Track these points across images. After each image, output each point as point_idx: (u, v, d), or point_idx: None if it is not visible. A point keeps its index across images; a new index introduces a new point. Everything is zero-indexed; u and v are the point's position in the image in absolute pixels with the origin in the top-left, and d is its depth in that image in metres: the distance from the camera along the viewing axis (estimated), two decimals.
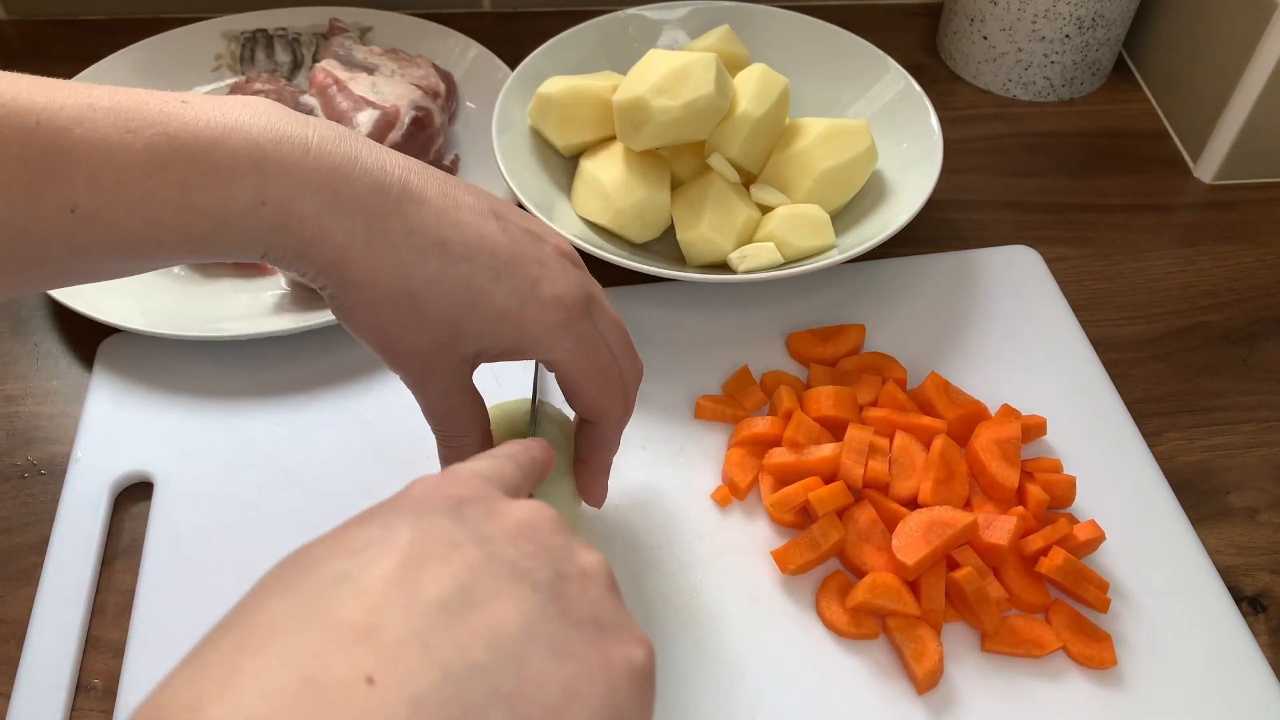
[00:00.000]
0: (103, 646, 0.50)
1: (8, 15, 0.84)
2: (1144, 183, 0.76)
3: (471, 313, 0.39)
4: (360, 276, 0.38)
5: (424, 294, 0.38)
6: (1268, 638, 0.53)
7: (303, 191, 0.36)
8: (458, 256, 0.39)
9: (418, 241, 0.38)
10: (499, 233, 0.40)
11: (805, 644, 0.50)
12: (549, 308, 0.40)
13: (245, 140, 0.36)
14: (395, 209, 0.38)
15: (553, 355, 0.41)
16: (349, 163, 0.37)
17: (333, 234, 0.37)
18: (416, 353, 0.40)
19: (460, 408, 0.43)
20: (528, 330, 0.40)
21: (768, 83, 0.63)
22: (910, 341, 0.63)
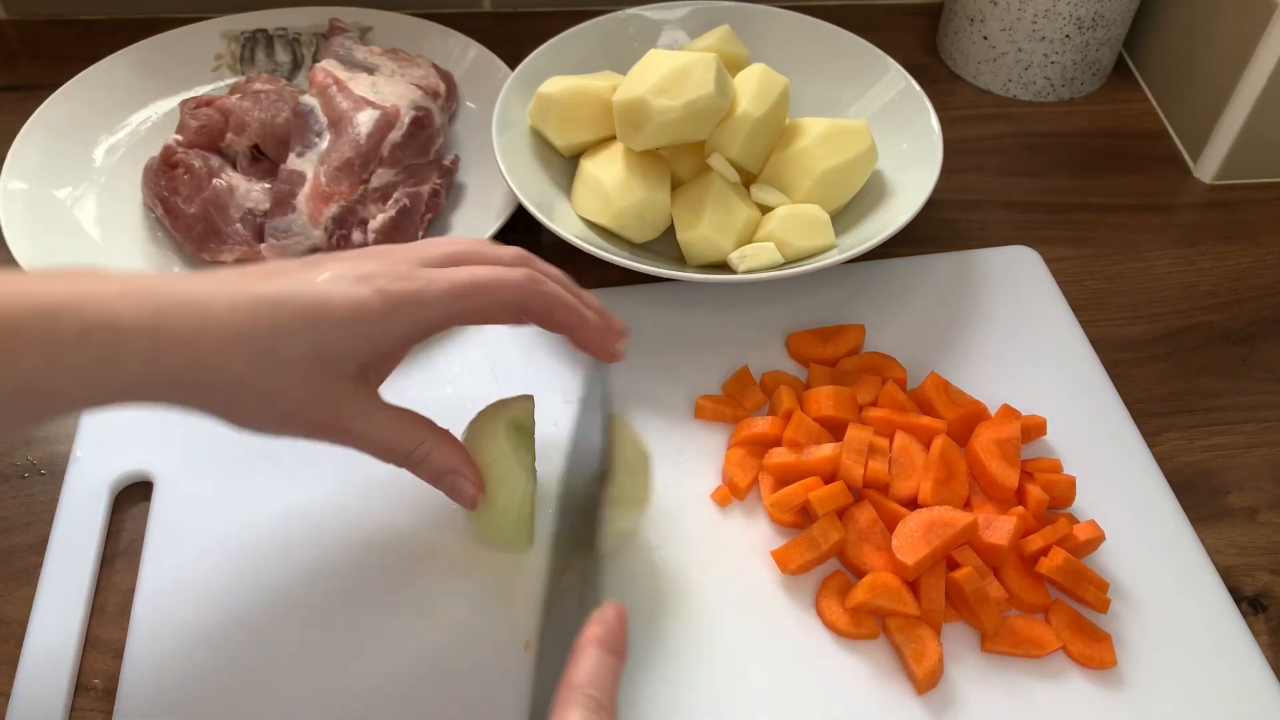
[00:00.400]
0: (102, 646, 0.50)
1: (8, 15, 0.84)
2: (1144, 183, 0.76)
3: (324, 332, 0.41)
4: (213, 360, 0.39)
5: (272, 343, 0.40)
6: (1268, 638, 0.53)
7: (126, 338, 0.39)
8: (281, 299, 0.41)
9: (240, 309, 0.40)
10: (312, 274, 0.42)
11: (805, 644, 0.50)
12: (387, 290, 0.42)
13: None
14: (212, 301, 0.40)
15: (420, 317, 0.43)
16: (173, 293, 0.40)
17: (168, 350, 0.39)
18: (306, 400, 0.42)
19: (392, 423, 0.44)
20: (381, 316, 0.42)
21: (768, 83, 0.63)
22: (910, 341, 0.63)
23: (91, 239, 0.66)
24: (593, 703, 0.39)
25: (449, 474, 0.46)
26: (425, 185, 0.66)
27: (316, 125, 0.65)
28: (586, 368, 0.56)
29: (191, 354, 0.39)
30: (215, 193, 0.64)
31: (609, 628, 0.42)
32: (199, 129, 0.67)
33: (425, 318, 0.43)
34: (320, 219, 0.61)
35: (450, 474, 0.46)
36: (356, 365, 0.43)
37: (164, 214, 0.66)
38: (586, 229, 0.63)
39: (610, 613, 0.42)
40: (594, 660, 0.40)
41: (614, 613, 0.43)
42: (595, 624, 0.42)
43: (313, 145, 0.64)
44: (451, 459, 0.46)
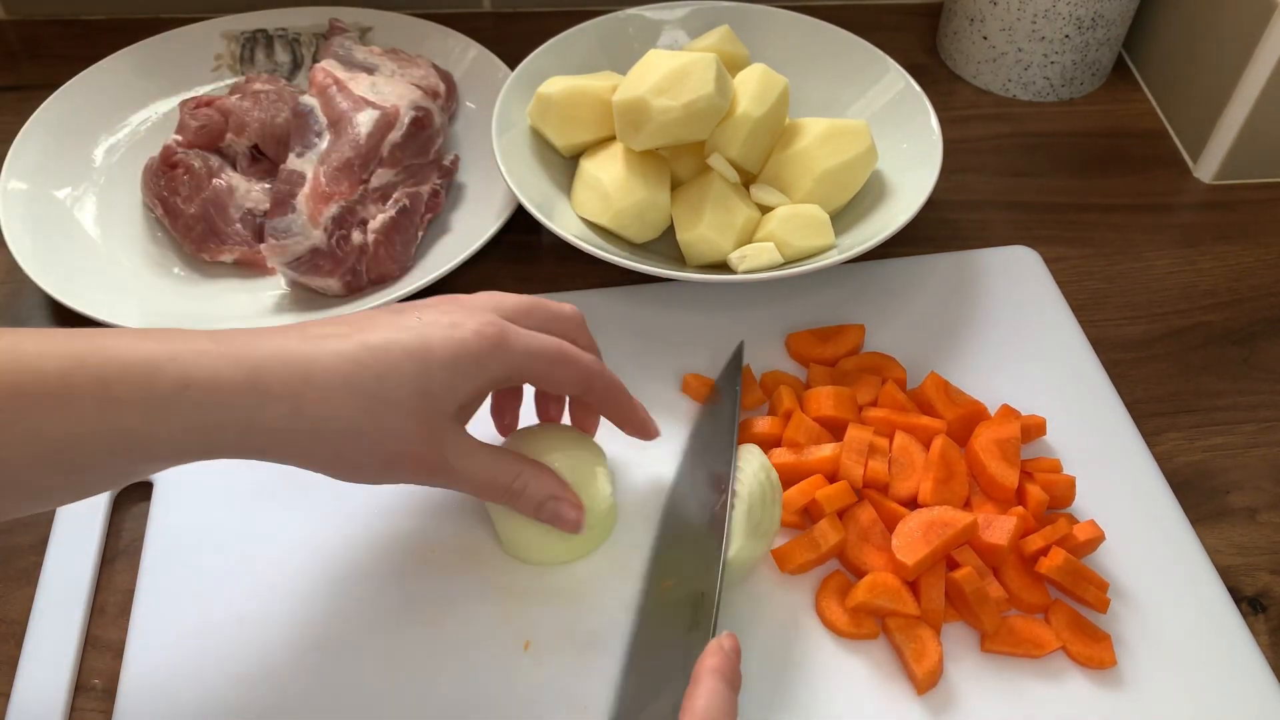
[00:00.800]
0: (103, 646, 0.50)
1: (8, 15, 0.84)
2: (1144, 183, 0.76)
3: (427, 371, 0.42)
4: (321, 413, 0.41)
5: (380, 387, 0.42)
6: (1268, 638, 0.53)
7: (225, 400, 0.40)
8: (384, 346, 0.42)
9: (344, 358, 0.42)
10: (407, 321, 0.44)
11: (805, 644, 0.50)
12: (481, 333, 0.44)
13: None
14: (311, 359, 0.41)
15: (510, 361, 0.45)
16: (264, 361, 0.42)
17: (275, 408, 0.41)
18: (413, 438, 0.43)
19: (491, 459, 0.46)
20: (480, 358, 0.43)
21: (768, 83, 0.63)
22: (910, 341, 0.63)
23: (91, 239, 0.66)
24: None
25: (549, 501, 0.48)
26: (425, 185, 0.66)
27: (316, 125, 0.65)
28: (719, 384, 0.58)
29: (298, 404, 0.40)
30: (215, 193, 0.65)
31: (727, 658, 0.42)
32: (199, 129, 0.67)
33: (515, 364, 0.45)
34: (320, 219, 0.61)
35: (550, 501, 0.48)
36: (457, 405, 0.44)
37: (164, 214, 0.66)
38: (586, 229, 0.63)
39: (729, 643, 0.43)
40: (712, 690, 0.41)
41: (731, 644, 0.43)
42: (714, 653, 0.43)
43: (312, 145, 0.64)
44: (549, 487, 0.48)
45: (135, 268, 0.65)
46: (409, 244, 0.65)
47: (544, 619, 0.50)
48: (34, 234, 0.64)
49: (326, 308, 0.62)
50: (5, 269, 0.66)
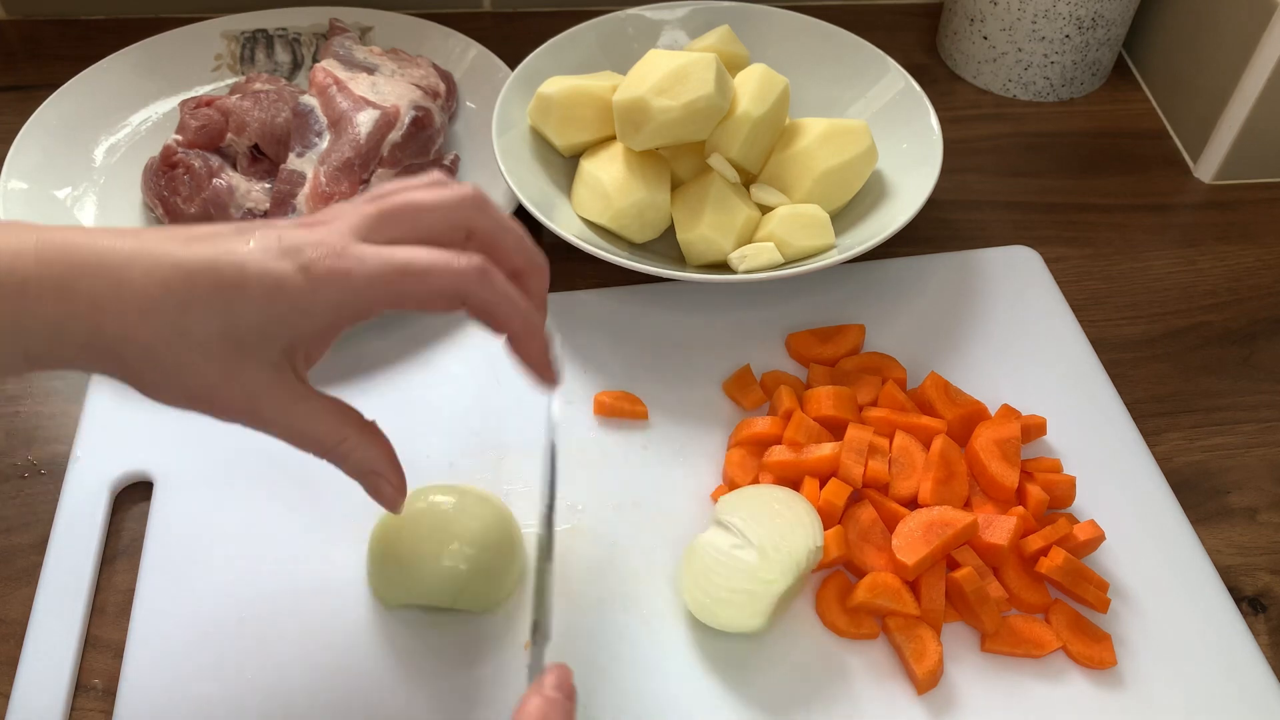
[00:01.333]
0: (102, 646, 0.50)
1: (8, 15, 0.84)
2: (1144, 183, 0.76)
3: (239, 313, 0.37)
4: (120, 332, 0.37)
5: (183, 321, 0.37)
6: (1268, 638, 0.53)
7: (39, 292, 0.36)
8: (196, 270, 0.37)
9: (155, 276, 0.37)
10: (238, 241, 0.38)
11: (805, 644, 0.50)
12: (311, 266, 0.37)
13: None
14: (128, 263, 0.37)
15: (346, 300, 0.38)
16: (76, 246, 0.37)
17: (77, 308, 0.36)
18: (222, 385, 0.38)
19: (314, 414, 0.41)
20: (302, 296, 0.37)
21: (768, 83, 0.63)
22: (910, 341, 0.63)
23: None
24: None
25: (370, 474, 0.42)
26: None
27: (316, 125, 0.65)
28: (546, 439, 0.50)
29: (99, 320, 0.36)
30: (215, 193, 0.64)
31: (546, 701, 0.39)
32: (199, 129, 0.67)
33: (352, 301, 0.38)
34: None
35: (372, 474, 0.42)
36: (279, 349, 0.38)
37: (164, 214, 0.66)
38: (586, 229, 0.63)
39: (549, 680, 0.39)
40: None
41: (554, 681, 0.39)
42: (533, 695, 0.39)
43: (313, 145, 0.64)
44: (375, 459, 0.42)
45: None
46: None
47: None
48: None
49: None
50: None
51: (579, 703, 0.48)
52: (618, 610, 0.51)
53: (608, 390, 0.59)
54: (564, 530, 0.54)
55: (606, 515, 0.54)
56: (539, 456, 0.56)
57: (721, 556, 0.48)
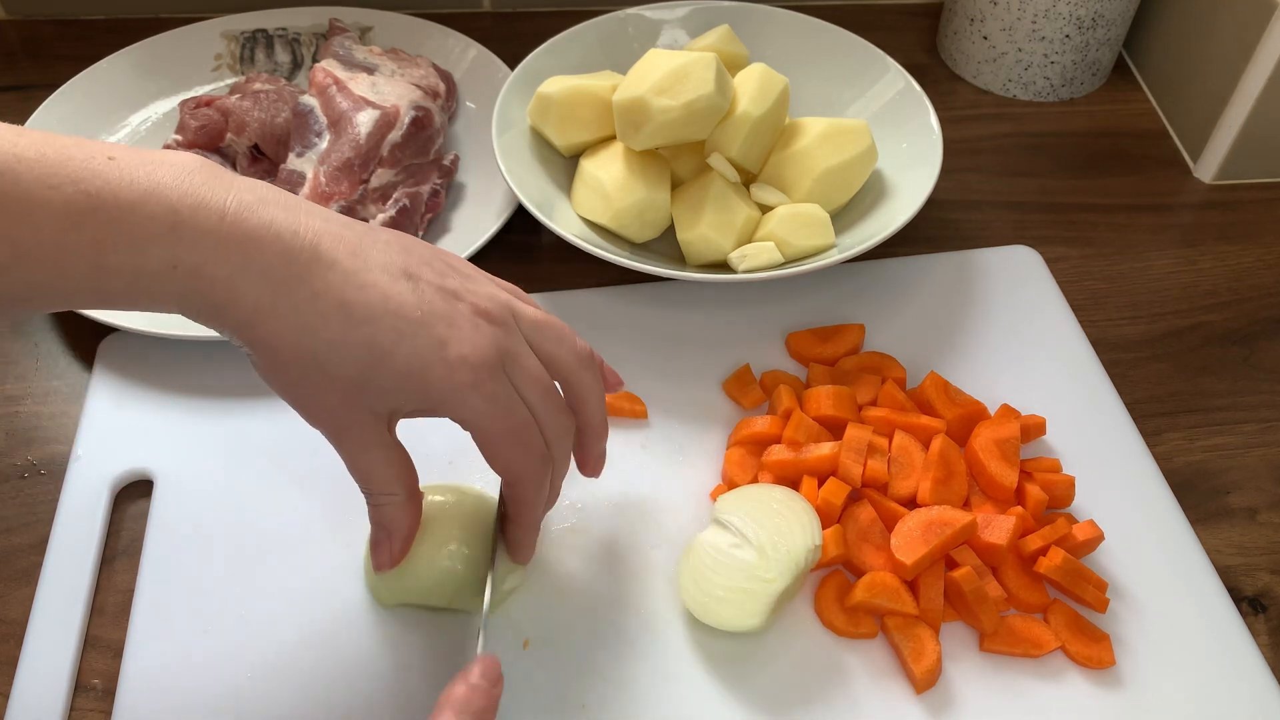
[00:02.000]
0: (102, 646, 0.50)
1: (8, 15, 0.85)
2: (1144, 183, 0.76)
3: (375, 373, 0.39)
4: (268, 338, 0.38)
5: (327, 355, 0.39)
6: (1267, 638, 0.53)
7: (214, 258, 0.37)
8: (360, 319, 0.39)
9: (321, 305, 0.39)
10: (408, 292, 0.40)
11: (803, 643, 0.50)
12: (455, 368, 0.40)
13: (163, 205, 0.36)
14: (303, 274, 0.38)
15: (462, 415, 0.41)
16: (262, 228, 0.38)
17: (241, 298, 0.38)
18: (327, 410, 0.41)
19: (381, 464, 0.43)
20: (434, 390, 0.40)
21: (768, 82, 0.63)
22: (910, 341, 0.63)
23: None
24: None
25: (389, 529, 0.45)
26: (425, 185, 0.66)
27: (316, 125, 0.65)
28: None
29: (256, 316, 0.38)
30: None
31: (473, 690, 0.40)
32: (199, 129, 0.67)
33: (455, 418, 0.42)
34: None
35: (390, 530, 0.45)
36: (388, 408, 0.41)
37: None
38: (586, 229, 0.63)
39: (477, 672, 0.40)
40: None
41: (480, 670, 0.40)
42: (459, 683, 0.40)
43: (312, 145, 0.64)
44: (399, 525, 0.45)
45: None
46: None
47: (545, 617, 0.50)
48: None
49: None
50: None
51: (579, 702, 0.48)
52: (617, 609, 0.51)
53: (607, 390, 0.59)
54: (564, 529, 0.54)
55: (606, 514, 0.54)
56: None
57: (720, 555, 0.48)
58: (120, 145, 0.38)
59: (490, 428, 0.42)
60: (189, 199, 0.37)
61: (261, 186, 0.39)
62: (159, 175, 0.37)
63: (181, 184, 0.37)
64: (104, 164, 0.36)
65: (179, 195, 0.37)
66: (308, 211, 0.40)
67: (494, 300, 0.43)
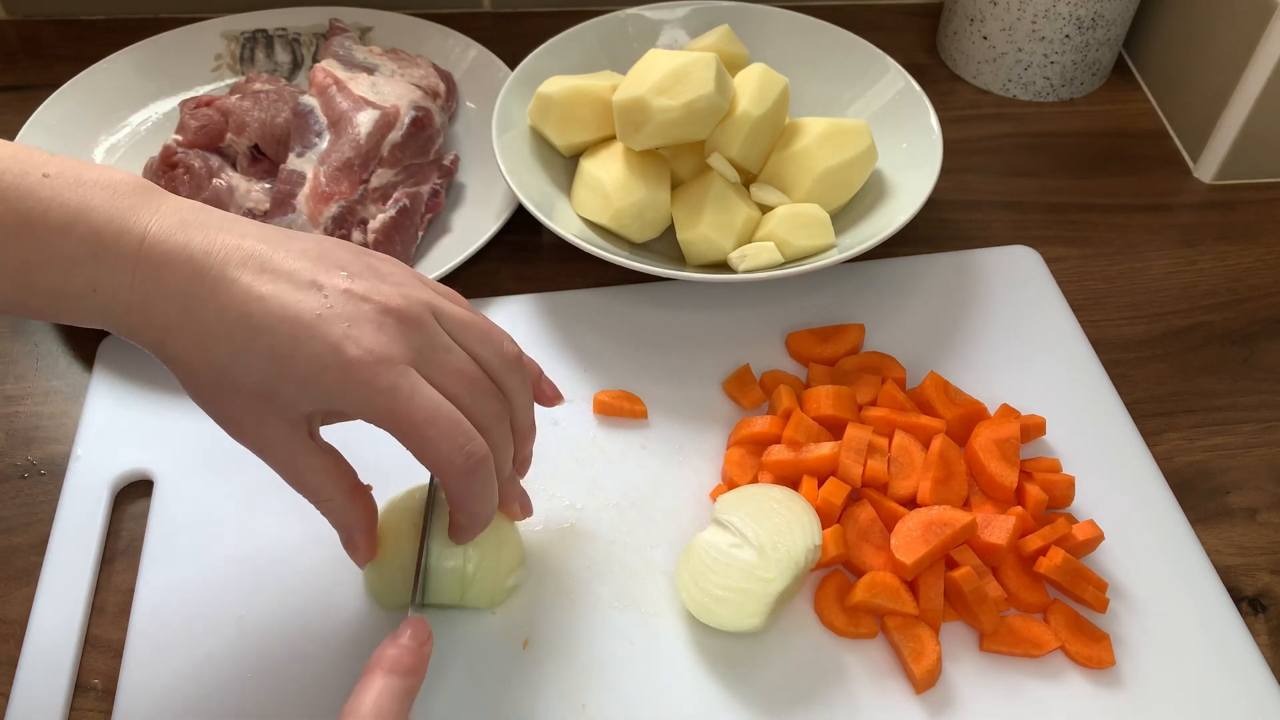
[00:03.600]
0: (102, 646, 0.50)
1: (8, 15, 0.85)
2: (1144, 183, 0.76)
3: (279, 380, 0.40)
4: (179, 354, 0.40)
5: (231, 367, 0.40)
6: (1267, 638, 0.53)
7: (130, 282, 0.39)
8: (259, 328, 0.39)
9: (225, 319, 0.39)
10: (309, 298, 0.40)
11: (803, 643, 0.50)
12: (350, 366, 0.40)
13: (89, 229, 0.38)
14: (210, 290, 0.39)
15: (366, 412, 0.41)
16: (177, 250, 0.39)
17: (154, 319, 0.39)
18: (245, 423, 0.42)
19: (309, 471, 0.43)
20: (334, 390, 0.40)
21: (768, 82, 0.63)
22: (910, 341, 0.63)
23: None
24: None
25: (346, 529, 0.46)
26: (425, 185, 0.66)
27: (316, 125, 0.65)
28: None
29: (166, 335, 0.40)
30: (215, 193, 0.65)
31: (403, 650, 0.41)
32: (199, 129, 0.67)
33: (370, 417, 0.41)
34: (320, 219, 0.61)
35: (346, 530, 0.46)
36: (301, 413, 0.41)
37: None
38: (586, 229, 0.63)
39: (408, 634, 0.42)
40: (381, 688, 0.40)
41: (410, 632, 0.42)
42: (388, 645, 0.41)
43: (312, 145, 0.64)
44: (353, 522, 0.45)
45: None
46: (409, 244, 0.65)
47: (545, 617, 0.50)
48: None
49: None
50: None
51: (579, 702, 0.48)
52: (616, 609, 0.51)
53: (607, 389, 0.59)
54: (564, 529, 0.54)
55: (605, 514, 0.54)
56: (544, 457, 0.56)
57: (720, 555, 0.48)
58: (59, 159, 0.39)
59: (397, 423, 0.41)
60: (114, 224, 0.39)
61: (188, 208, 0.41)
62: (90, 198, 0.39)
63: (109, 207, 0.39)
64: (38, 181, 0.38)
65: (105, 220, 0.39)
66: (229, 229, 0.41)
67: (407, 299, 0.42)
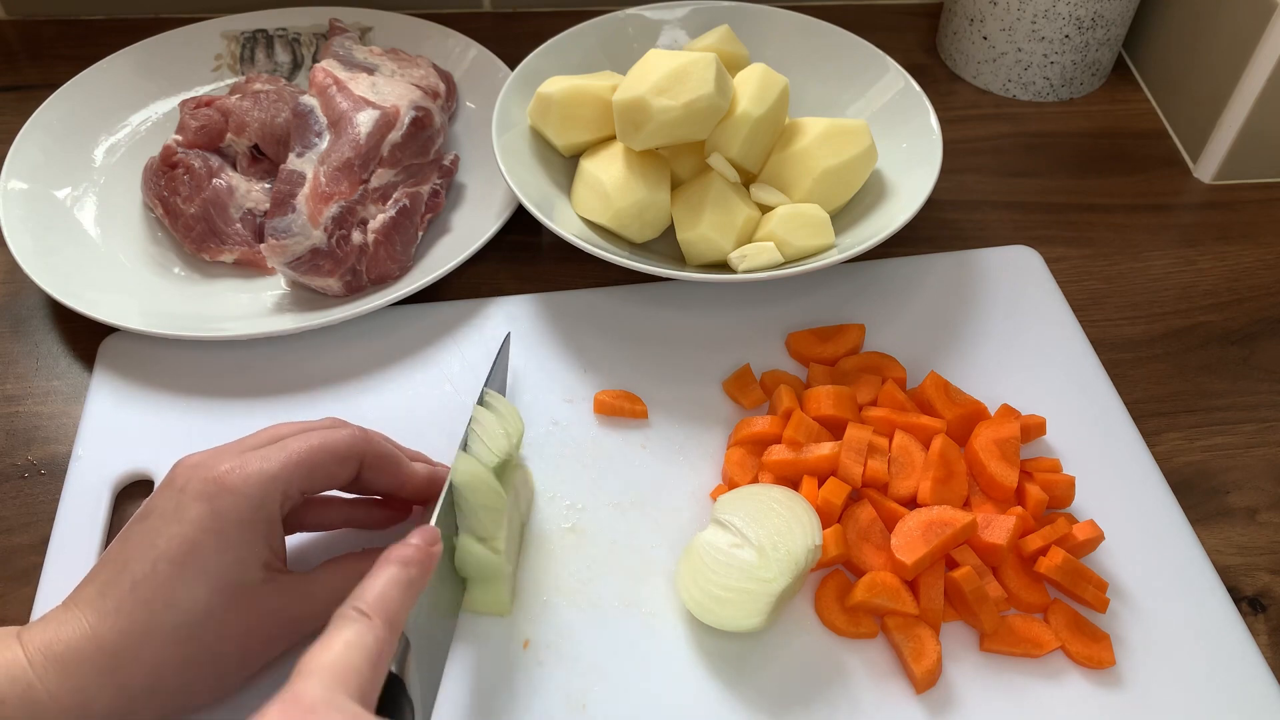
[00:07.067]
0: None
1: (8, 15, 0.85)
2: (1144, 183, 0.76)
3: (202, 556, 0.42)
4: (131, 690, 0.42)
5: (170, 604, 0.42)
6: (1267, 638, 0.53)
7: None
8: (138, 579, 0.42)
9: (121, 613, 0.42)
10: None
11: (803, 643, 0.50)
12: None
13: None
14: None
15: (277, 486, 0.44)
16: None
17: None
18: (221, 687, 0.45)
19: (328, 579, 0.46)
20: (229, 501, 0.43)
21: (768, 82, 0.63)
22: (910, 341, 0.63)
23: (91, 239, 0.66)
24: (371, 620, 0.38)
25: (397, 562, 0.42)
26: (425, 185, 0.66)
27: (316, 125, 0.65)
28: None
29: (119, 679, 0.41)
30: (215, 193, 0.65)
31: (411, 548, 0.41)
32: (199, 129, 0.67)
33: (277, 494, 0.44)
34: (320, 219, 0.61)
35: (399, 560, 0.43)
36: (259, 568, 0.44)
37: (164, 214, 0.66)
38: (586, 229, 0.63)
39: (417, 535, 0.42)
40: (388, 576, 0.40)
41: (421, 534, 0.42)
42: (400, 546, 0.42)
43: (312, 145, 0.64)
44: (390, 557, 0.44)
45: (135, 268, 0.65)
46: (409, 244, 0.65)
47: (544, 617, 0.50)
48: (34, 234, 0.64)
49: (326, 308, 0.62)
50: (5, 269, 0.66)
51: (579, 702, 0.48)
52: (616, 609, 0.51)
53: (608, 389, 0.59)
54: (564, 529, 0.54)
55: (606, 514, 0.54)
56: (544, 457, 0.56)
57: (720, 555, 0.48)
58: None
59: (288, 462, 0.45)
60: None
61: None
62: None
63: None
64: None
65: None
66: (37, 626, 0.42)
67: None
